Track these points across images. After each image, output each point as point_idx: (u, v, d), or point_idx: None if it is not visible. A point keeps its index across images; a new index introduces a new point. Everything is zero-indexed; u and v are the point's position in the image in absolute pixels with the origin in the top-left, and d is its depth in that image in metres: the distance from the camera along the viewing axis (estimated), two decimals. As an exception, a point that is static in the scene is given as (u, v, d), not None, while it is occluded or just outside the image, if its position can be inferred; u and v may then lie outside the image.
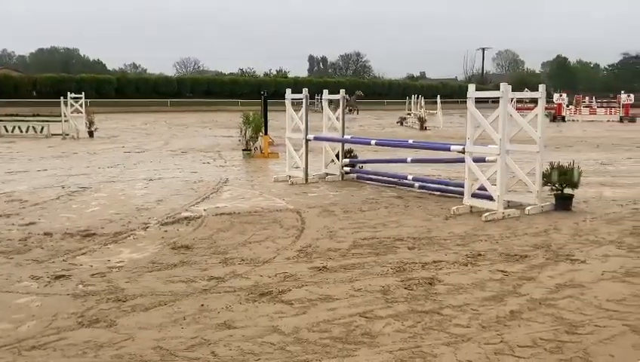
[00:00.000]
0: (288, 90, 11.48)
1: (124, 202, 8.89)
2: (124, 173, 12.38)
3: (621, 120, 37.45)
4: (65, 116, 22.86)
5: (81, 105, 23.67)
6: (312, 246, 6.23)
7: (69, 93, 24.15)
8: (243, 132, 15.57)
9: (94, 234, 6.83)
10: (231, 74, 77.89)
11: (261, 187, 10.40)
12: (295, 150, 11.18)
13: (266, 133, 15.40)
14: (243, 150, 15.47)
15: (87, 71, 68.26)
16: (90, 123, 22.89)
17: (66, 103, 22.96)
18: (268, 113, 15.78)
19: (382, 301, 4.53)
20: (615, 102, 41.38)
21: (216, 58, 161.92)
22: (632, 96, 40.26)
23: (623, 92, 41.05)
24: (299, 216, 7.84)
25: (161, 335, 3.91)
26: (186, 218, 7.68)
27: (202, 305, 4.46)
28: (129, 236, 6.75)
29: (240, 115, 16.34)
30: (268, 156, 15.10)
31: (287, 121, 11.41)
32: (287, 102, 11.33)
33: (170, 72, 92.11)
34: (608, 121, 37.66)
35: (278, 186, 10.49)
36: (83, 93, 25.29)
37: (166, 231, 6.99)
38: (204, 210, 8.22)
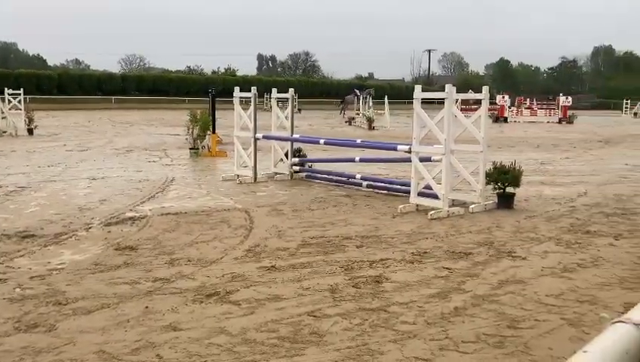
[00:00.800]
0: (236, 88, 11.37)
1: (66, 202, 8.59)
2: (66, 172, 11.96)
3: (560, 121, 38.98)
4: (2, 113, 21.88)
5: (19, 102, 22.73)
6: (260, 245, 6.19)
7: (6, 89, 23.16)
8: (190, 130, 15.32)
9: (33, 235, 6.57)
10: (178, 71, 76.54)
11: (209, 186, 10.26)
12: (244, 149, 11.09)
13: (214, 132, 15.21)
14: (190, 149, 15.22)
15: (26, 66, 65.53)
16: (30, 120, 21.99)
17: (3, 100, 21.99)
18: (216, 111, 15.59)
19: (330, 300, 4.55)
20: (554, 104, 43.03)
21: (163, 55, 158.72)
22: (569, 98, 42.00)
23: (561, 94, 42.78)
24: (247, 215, 7.78)
25: (103, 339, 3.79)
26: (130, 218, 7.49)
27: (147, 307, 4.36)
28: (70, 237, 6.52)
29: (187, 113, 16.07)
30: (216, 155, 14.91)
31: (236, 120, 11.31)
32: (236, 101, 11.22)
33: (115, 68, 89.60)
34: (548, 122, 39.15)
35: (226, 185, 10.38)
36: (22, 89, 24.27)
37: (109, 231, 6.79)
38: (150, 209, 8.04)
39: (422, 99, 8.39)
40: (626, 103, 57.81)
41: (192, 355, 3.56)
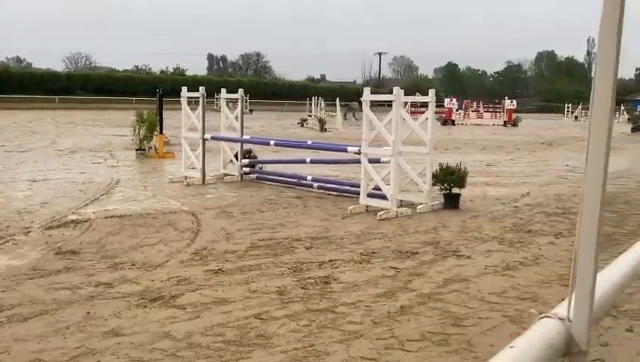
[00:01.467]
0: (184, 88, 11.20)
1: (4, 205, 8.24)
2: (5, 173, 11.47)
3: (505, 124, 40.14)
4: None
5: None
6: (207, 248, 6.09)
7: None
8: (136, 131, 14.97)
9: (-34, 240, 6.26)
10: (125, 71, 74.75)
11: (155, 188, 10.05)
12: (192, 150, 10.92)
13: (161, 132, 14.91)
14: (136, 150, 14.88)
15: (-38, 63, 62.59)
16: (-34, 119, 21.02)
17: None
18: (164, 111, 15.29)
19: (278, 302, 4.52)
20: (500, 107, 44.29)
21: (110, 54, 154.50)
22: (514, 101, 43.33)
23: (506, 98, 44.07)
24: (194, 218, 7.65)
25: (40, 347, 3.64)
26: (72, 221, 7.24)
27: (88, 313, 4.22)
28: (8, 241, 6.25)
29: (134, 113, 15.70)
30: (163, 156, 14.63)
31: (183, 120, 11.12)
32: (183, 101, 11.04)
33: (59, 67, 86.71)
34: (494, 125, 40.25)
35: (174, 187, 10.18)
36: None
37: (50, 235, 6.55)
38: (93, 212, 7.80)
39: (372, 101, 8.48)
40: (568, 107, 60.10)
41: (135, 361, 3.47)
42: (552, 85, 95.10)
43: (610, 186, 11.40)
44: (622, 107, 55.68)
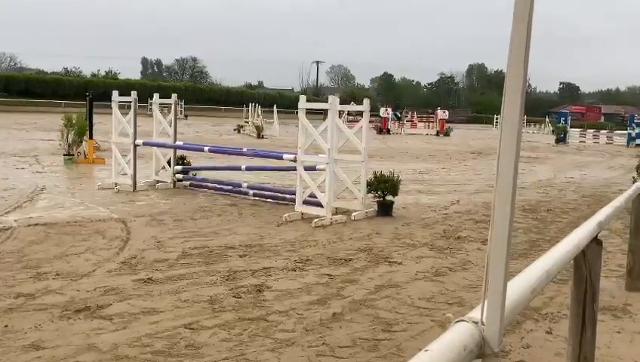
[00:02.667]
0: (115, 92, 10.89)
1: None
2: None
3: (437, 134, 41.33)
4: None
5: None
6: (137, 257, 5.93)
7: None
8: (65, 136, 14.41)
9: None
10: (54, 73, 71.78)
11: (83, 195, 9.68)
12: (123, 156, 10.61)
13: (91, 137, 14.42)
14: (64, 155, 14.31)
15: None
16: None
17: None
18: (95, 116, 14.81)
19: (209, 311, 4.45)
20: (433, 117, 45.56)
21: (38, 55, 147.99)
22: (446, 112, 44.69)
23: (439, 108, 45.41)
24: (124, 225, 7.43)
25: (-49, 364, 3.43)
26: (-8, 230, 6.87)
27: (6, 326, 4.01)
28: None
29: (63, 117, 15.09)
30: (93, 162, 14.14)
31: (114, 125, 10.80)
32: (114, 105, 10.73)
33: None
34: (427, 134, 41.34)
35: (103, 194, 9.85)
36: None
37: (-34, 244, 6.18)
38: (15, 220, 7.42)
39: (309, 109, 8.54)
40: (497, 118, 62.60)
41: (56, 376, 3.32)
42: (482, 97, 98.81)
43: (535, 194, 11.96)
44: (546, 119, 58.52)
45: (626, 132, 37.78)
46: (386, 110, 42.59)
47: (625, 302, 5.12)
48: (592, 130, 42.39)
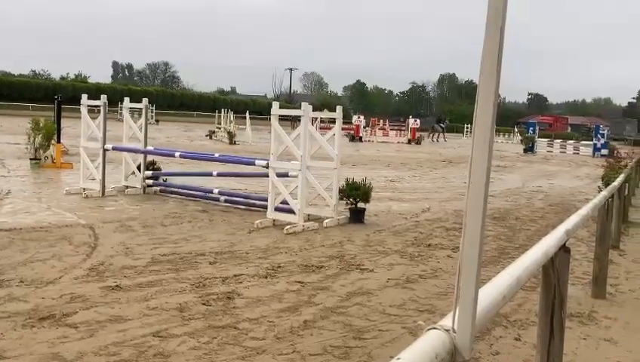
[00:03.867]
0: (84, 96, 10.70)
1: None
2: None
3: (409, 142, 41.67)
4: None
5: None
6: (104, 264, 5.81)
7: None
8: (32, 139, 14.08)
9: None
10: (21, 75, 70.26)
11: (50, 200, 9.47)
12: (92, 160, 10.42)
13: (59, 141, 14.11)
14: (31, 159, 13.98)
15: None
16: None
17: None
18: (63, 120, 14.51)
19: (178, 319, 4.38)
20: (404, 125, 45.94)
21: (4, 57, 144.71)
22: (418, 120, 45.10)
23: (411, 117, 45.85)
24: (92, 231, 7.28)
25: None
26: (-47, 235, 6.66)
27: (-34, 335, 3.88)
28: None
29: (30, 120, 14.76)
30: (61, 166, 13.84)
31: (83, 129, 10.60)
32: (83, 109, 10.54)
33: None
34: (398, 142, 41.64)
35: (70, 199, 9.64)
36: None
37: None
38: (-22, 225, 7.21)
39: (281, 116, 8.52)
40: (467, 128, 63.46)
41: (18, 386, 3.22)
42: (453, 106, 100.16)
43: (504, 202, 12.14)
44: (515, 129, 59.60)
45: (591, 142, 38.69)
46: (359, 118, 42.80)
47: (591, 309, 5.22)
48: (559, 140, 43.26)
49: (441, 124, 49.23)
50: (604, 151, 34.57)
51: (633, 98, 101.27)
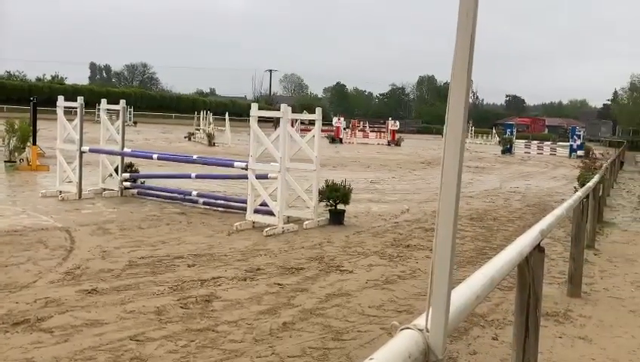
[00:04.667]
0: (60, 98, 10.55)
1: None
2: None
3: (389, 144, 41.88)
4: None
5: None
6: (81, 267, 5.73)
7: None
8: (6, 141, 13.85)
9: None
10: (-4, 76, 69.08)
11: (25, 203, 9.31)
12: (68, 163, 10.27)
13: (34, 144, 13.90)
14: (6, 161, 13.75)
15: None
16: None
17: None
18: (39, 122, 14.30)
19: (156, 322, 4.34)
20: (384, 127, 46.16)
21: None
22: (397, 122, 45.37)
23: (390, 119, 46.08)
24: (68, 235, 7.18)
25: None
26: None
27: (-63, 342, 3.79)
28: None
29: (5, 122, 14.51)
30: (36, 169, 13.63)
31: (59, 131, 10.46)
32: (59, 111, 10.40)
33: None
34: (378, 144, 41.82)
35: (46, 202, 9.50)
36: None
37: None
38: (-50, 229, 7.07)
39: (261, 117, 8.49)
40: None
41: (-10, 393, 3.16)
42: (432, 108, 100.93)
43: (481, 203, 12.26)
44: (493, 130, 60.24)
45: (568, 144, 39.27)
46: (339, 120, 42.88)
47: (567, 307, 5.30)
48: (536, 142, 43.80)
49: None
50: (581, 153, 35.11)
51: (608, 100, 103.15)
